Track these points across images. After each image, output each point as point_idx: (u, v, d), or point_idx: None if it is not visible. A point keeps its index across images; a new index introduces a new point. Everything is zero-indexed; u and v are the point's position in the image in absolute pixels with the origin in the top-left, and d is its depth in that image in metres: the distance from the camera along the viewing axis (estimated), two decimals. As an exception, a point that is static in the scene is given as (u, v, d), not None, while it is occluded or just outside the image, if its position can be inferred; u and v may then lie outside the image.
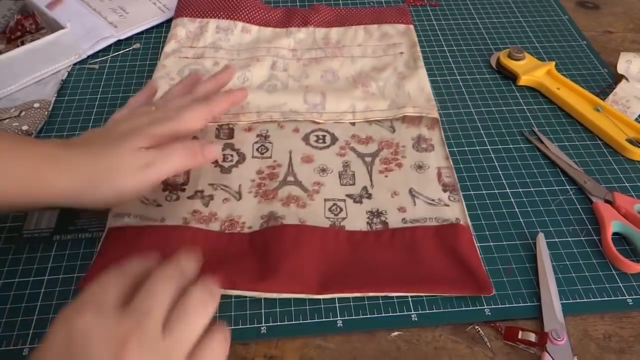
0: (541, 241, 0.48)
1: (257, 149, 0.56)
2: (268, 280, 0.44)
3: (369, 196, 0.52)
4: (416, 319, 0.44)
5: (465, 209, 0.51)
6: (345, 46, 0.68)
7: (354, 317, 0.44)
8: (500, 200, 0.52)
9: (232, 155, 0.56)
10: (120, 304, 0.33)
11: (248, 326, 0.43)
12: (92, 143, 0.45)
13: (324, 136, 0.58)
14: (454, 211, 0.51)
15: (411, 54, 0.67)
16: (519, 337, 0.42)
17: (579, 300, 0.45)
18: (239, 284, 0.44)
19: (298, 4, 0.77)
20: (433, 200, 0.52)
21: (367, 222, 0.50)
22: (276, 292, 0.44)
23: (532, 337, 0.42)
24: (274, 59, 0.66)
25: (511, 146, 0.58)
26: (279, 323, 0.43)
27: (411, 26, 0.71)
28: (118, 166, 0.43)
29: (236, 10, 0.71)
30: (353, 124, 0.59)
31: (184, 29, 0.69)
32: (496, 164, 0.56)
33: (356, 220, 0.50)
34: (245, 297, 0.45)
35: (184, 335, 0.33)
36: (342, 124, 0.59)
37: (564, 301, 0.45)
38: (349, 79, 0.64)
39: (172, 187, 0.52)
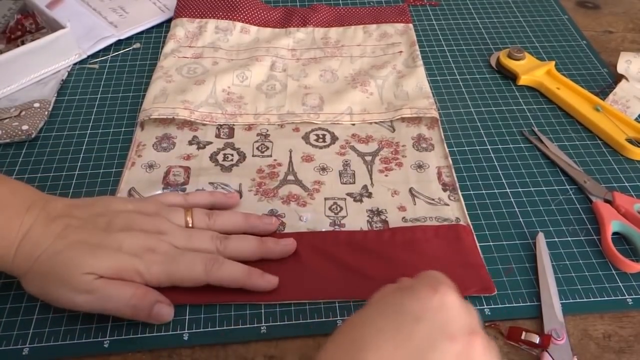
0: (541, 241, 0.48)
1: (257, 148, 0.56)
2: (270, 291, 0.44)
3: (369, 195, 0.52)
4: (416, 319, 0.44)
5: (465, 209, 0.51)
6: (344, 46, 0.68)
7: (354, 316, 0.44)
8: (500, 200, 0.52)
9: (232, 155, 0.56)
10: None
11: (248, 326, 0.43)
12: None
13: (324, 135, 0.58)
14: (454, 211, 0.51)
15: (410, 53, 0.67)
16: (522, 337, 0.42)
17: (578, 300, 0.45)
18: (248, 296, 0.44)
19: (298, 3, 0.77)
20: (433, 199, 0.52)
21: (368, 221, 0.50)
22: (279, 301, 0.44)
23: (535, 338, 0.42)
24: (273, 59, 0.66)
25: (511, 146, 0.58)
26: (279, 323, 0.43)
27: (410, 25, 0.71)
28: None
29: (235, 11, 0.71)
30: (353, 123, 0.59)
31: (182, 29, 0.69)
32: (496, 163, 0.56)
33: (356, 219, 0.50)
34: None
35: None
36: (342, 123, 0.59)
37: (564, 301, 0.45)
38: (348, 78, 0.64)
39: (172, 186, 0.52)
